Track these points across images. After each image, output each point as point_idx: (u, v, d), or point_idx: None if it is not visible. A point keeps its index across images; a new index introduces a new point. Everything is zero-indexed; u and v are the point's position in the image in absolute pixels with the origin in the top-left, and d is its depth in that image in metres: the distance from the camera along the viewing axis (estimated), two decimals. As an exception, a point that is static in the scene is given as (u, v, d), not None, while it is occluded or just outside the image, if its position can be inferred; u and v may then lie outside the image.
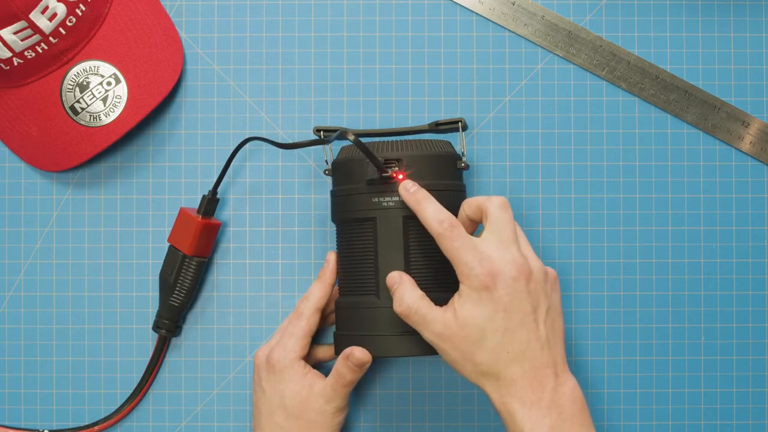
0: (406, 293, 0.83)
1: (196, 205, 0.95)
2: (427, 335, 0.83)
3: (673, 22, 0.96)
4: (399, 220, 0.86)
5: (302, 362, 0.89)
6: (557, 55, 0.96)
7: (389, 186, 0.86)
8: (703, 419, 0.95)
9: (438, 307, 0.83)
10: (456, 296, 0.82)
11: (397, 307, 0.83)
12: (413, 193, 0.84)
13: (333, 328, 0.95)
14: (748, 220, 0.95)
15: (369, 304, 0.86)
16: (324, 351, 0.93)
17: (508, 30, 0.96)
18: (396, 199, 0.86)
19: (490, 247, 0.82)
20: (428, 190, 0.86)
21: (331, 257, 0.90)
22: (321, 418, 0.87)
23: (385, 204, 0.86)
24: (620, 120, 0.96)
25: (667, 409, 0.95)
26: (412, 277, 0.86)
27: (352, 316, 0.87)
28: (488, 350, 0.81)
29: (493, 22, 0.96)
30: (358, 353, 0.85)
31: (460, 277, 0.82)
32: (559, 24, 0.96)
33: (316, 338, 0.95)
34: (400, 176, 0.85)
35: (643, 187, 0.96)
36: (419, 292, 0.83)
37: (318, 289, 0.90)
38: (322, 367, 0.95)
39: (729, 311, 0.95)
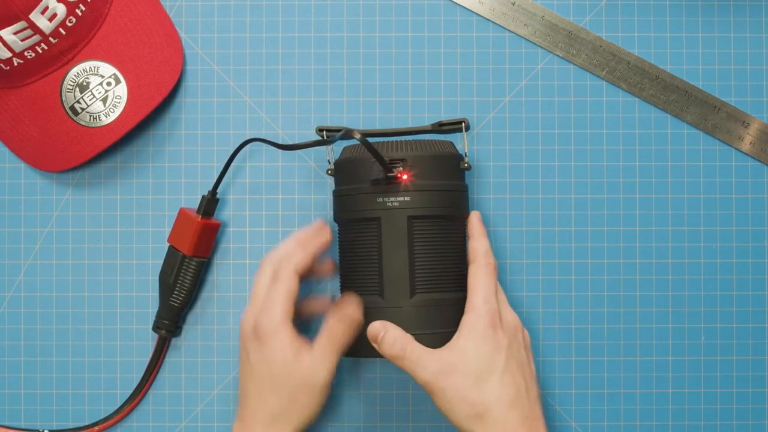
0: (397, 336, 0.84)
1: (196, 206, 0.95)
2: (424, 375, 0.83)
3: (673, 22, 0.96)
4: (404, 220, 0.86)
5: (291, 326, 0.85)
6: (557, 55, 0.96)
7: (394, 186, 0.86)
8: (703, 419, 0.95)
9: (431, 348, 0.84)
10: (456, 334, 0.84)
11: (389, 349, 0.83)
12: (481, 224, 0.88)
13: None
14: (748, 221, 0.95)
15: (373, 304, 0.86)
16: (316, 304, 0.92)
17: (508, 30, 0.96)
18: (401, 199, 0.86)
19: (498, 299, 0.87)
20: (432, 191, 0.86)
21: (320, 225, 0.88)
22: (307, 389, 0.84)
23: (390, 204, 0.86)
24: (620, 120, 0.96)
25: (667, 409, 0.95)
26: (417, 277, 0.86)
27: None
28: (487, 390, 0.82)
29: (493, 22, 0.96)
30: (350, 308, 0.85)
31: (470, 306, 0.84)
32: (559, 24, 0.96)
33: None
34: (404, 176, 0.85)
35: (643, 187, 0.96)
36: (409, 335, 0.84)
37: (300, 253, 0.86)
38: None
39: (729, 311, 0.95)
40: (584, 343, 0.95)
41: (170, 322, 0.94)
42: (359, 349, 0.87)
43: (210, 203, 0.93)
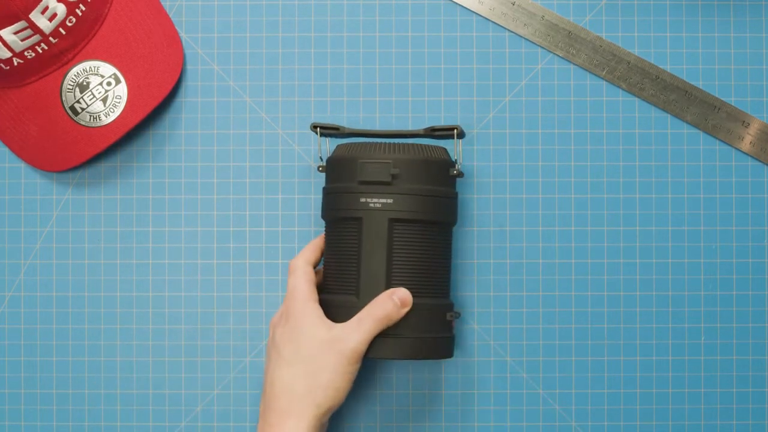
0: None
1: (196, 207, 0.95)
2: None
3: (673, 22, 0.96)
4: (384, 222, 0.86)
5: (317, 305, 0.86)
6: (557, 55, 0.96)
7: (378, 188, 0.86)
8: (703, 419, 0.95)
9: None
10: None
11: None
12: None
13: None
14: (748, 220, 0.95)
15: (349, 304, 0.86)
16: None
17: (508, 30, 0.96)
18: (383, 200, 0.86)
19: None
20: (416, 195, 0.86)
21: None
22: (333, 358, 0.84)
23: (372, 205, 0.86)
24: (620, 120, 0.96)
25: (667, 409, 0.95)
26: (393, 280, 0.86)
27: (332, 314, 0.87)
28: None
29: (493, 22, 0.96)
30: (402, 293, 0.86)
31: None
32: (559, 24, 0.96)
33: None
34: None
35: (643, 187, 0.96)
36: None
37: (307, 248, 0.90)
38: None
39: (729, 311, 0.95)
40: (584, 343, 0.95)
41: None
42: (378, 349, 0.86)
43: None
